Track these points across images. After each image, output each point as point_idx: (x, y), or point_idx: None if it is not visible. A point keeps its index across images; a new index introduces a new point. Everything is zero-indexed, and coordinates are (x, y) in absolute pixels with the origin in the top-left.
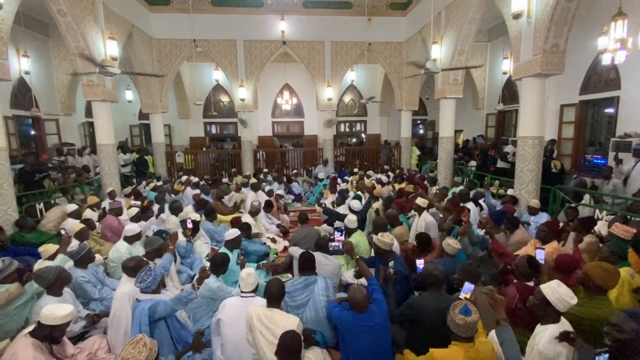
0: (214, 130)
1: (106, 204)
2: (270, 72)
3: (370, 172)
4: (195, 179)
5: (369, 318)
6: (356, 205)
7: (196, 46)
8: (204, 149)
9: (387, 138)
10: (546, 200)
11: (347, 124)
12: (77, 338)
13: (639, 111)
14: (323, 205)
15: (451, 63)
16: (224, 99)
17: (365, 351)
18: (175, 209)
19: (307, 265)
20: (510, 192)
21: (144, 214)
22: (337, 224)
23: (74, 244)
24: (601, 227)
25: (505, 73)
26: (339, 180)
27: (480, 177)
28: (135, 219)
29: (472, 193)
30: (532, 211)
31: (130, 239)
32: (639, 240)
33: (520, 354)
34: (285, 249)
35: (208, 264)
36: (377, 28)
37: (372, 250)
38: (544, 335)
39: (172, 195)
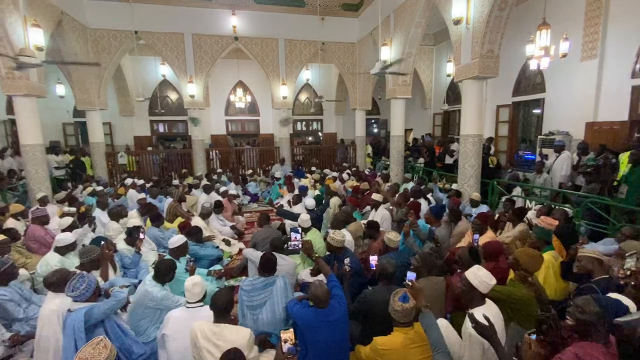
0: (161, 129)
1: (30, 212)
2: (223, 68)
3: (327, 171)
4: (140, 182)
5: (329, 313)
6: (310, 203)
7: (138, 38)
8: (150, 148)
9: (343, 137)
10: (486, 193)
11: (304, 123)
12: None
13: (560, 112)
14: (276, 206)
15: (400, 65)
16: (172, 95)
17: (323, 346)
18: (116, 215)
19: (268, 266)
20: (454, 186)
21: (82, 221)
22: (292, 224)
23: None
24: (531, 216)
25: (449, 75)
26: (295, 179)
27: (429, 173)
28: (69, 227)
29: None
30: (474, 203)
31: (63, 250)
32: (562, 228)
33: (442, 336)
34: (241, 251)
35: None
36: (330, 28)
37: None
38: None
39: (115, 200)
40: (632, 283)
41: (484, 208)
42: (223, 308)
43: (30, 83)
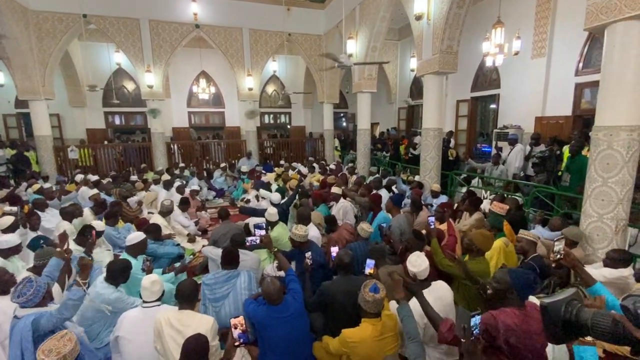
0: (117, 121)
1: None
2: (184, 57)
3: (295, 164)
4: (94, 178)
5: (283, 309)
6: (276, 197)
7: (88, 22)
8: (106, 142)
9: (312, 130)
10: (445, 184)
11: (272, 116)
12: None
13: (513, 106)
14: (239, 204)
15: (365, 58)
16: (129, 85)
17: (281, 342)
18: (68, 214)
19: (230, 259)
20: (417, 178)
21: (29, 221)
22: (256, 220)
23: None
24: (486, 206)
25: (412, 70)
26: (263, 172)
27: (393, 165)
28: (11, 228)
29: (385, 180)
30: (434, 194)
31: (5, 253)
32: (512, 214)
33: (417, 328)
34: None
35: None
36: (296, 19)
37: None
38: (410, 302)
39: (62, 197)
40: (562, 264)
41: (443, 198)
42: (187, 296)
43: None
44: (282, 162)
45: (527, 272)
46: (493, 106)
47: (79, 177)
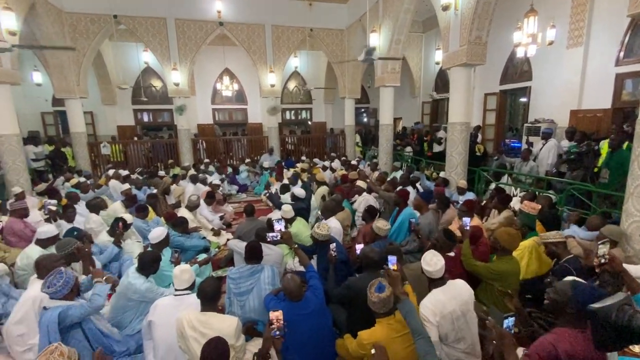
0: (146, 118)
1: (8, 204)
2: (208, 55)
3: (316, 160)
4: (125, 172)
5: (304, 305)
6: (300, 192)
7: (118, 23)
8: (135, 138)
9: (333, 126)
10: (472, 181)
11: (293, 112)
12: None
13: (545, 99)
14: (267, 194)
15: (388, 52)
16: (156, 83)
17: (303, 339)
18: (95, 207)
19: (253, 254)
20: (442, 174)
21: (65, 213)
22: (277, 215)
23: None
24: (515, 203)
25: (437, 63)
26: (285, 168)
27: (417, 161)
28: (48, 219)
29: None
30: (461, 191)
31: (45, 243)
32: (545, 212)
33: (421, 323)
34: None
35: None
36: (318, 14)
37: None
38: (424, 300)
39: (95, 191)
40: (607, 269)
41: (470, 195)
42: (210, 297)
43: (3, 70)
44: (303, 157)
45: (594, 289)
46: (523, 99)
47: (111, 172)
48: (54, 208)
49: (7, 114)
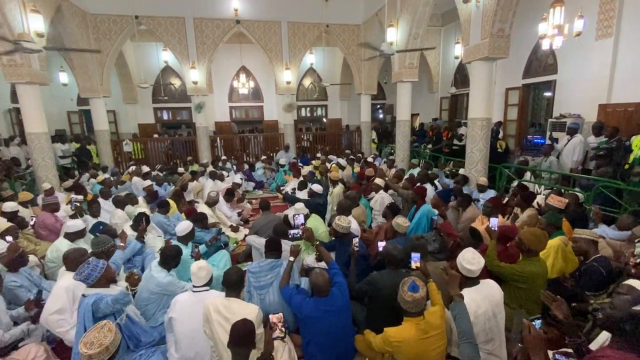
0: (165, 116)
1: (40, 199)
2: (225, 53)
3: (331, 157)
4: (146, 169)
5: (331, 302)
6: (317, 188)
7: (139, 23)
8: (156, 135)
9: (348, 122)
10: (493, 178)
11: (308, 109)
12: (10, 348)
13: (572, 93)
14: (283, 192)
15: (406, 46)
16: (175, 82)
17: (327, 335)
18: (121, 202)
19: (273, 247)
20: (461, 171)
21: (90, 209)
22: (292, 212)
23: (1, 245)
24: (540, 201)
25: (457, 57)
26: (300, 165)
27: (435, 158)
28: (75, 214)
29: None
30: (481, 188)
31: (73, 236)
32: (571, 211)
33: (471, 326)
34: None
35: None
36: (334, 9)
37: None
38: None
39: (118, 187)
40: None
41: (491, 193)
42: (234, 283)
43: (33, 70)
44: (318, 154)
45: None
46: (548, 94)
47: (133, 169)
48: (78, 204)
49: (37, 113)
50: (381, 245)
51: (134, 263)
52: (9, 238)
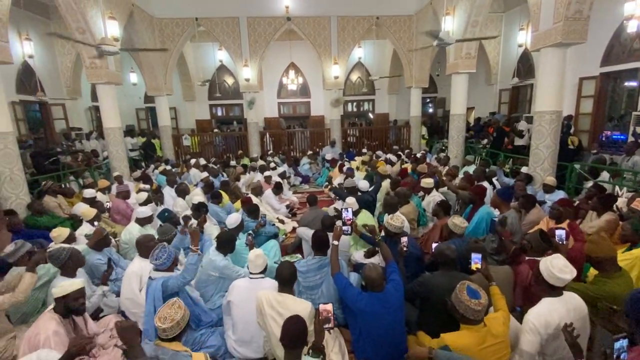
0: (219, 113)
1: (114, 188)
2: (275, 50)
3: (379, 153)
4: (203, 162)
5: (385, 299)
6: (364, 185)
7: (199, 25)
8: (215, 130)
9: (396, 117)
10: (562, 178)
11: (355, 104)
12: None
13: None
14: (329, 187)
15: (464, 35)
16: (229, 80)
17: (379, 331)
18: (182, 192)
19: (320, 245)
20: (524, 169)
21: (154, 197)
22: (347, 202)
23: (88, 227)
24: (622, 204)
25: (520, 45)
26: (347, 160)
27: (493, 155)
28: (145, 202)
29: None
30: (548, 189)
31: (142, 222)
32: None
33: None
34: (294, 229)
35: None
36: (385, 0)
37: (382, 230)
38: (533, 308)
39: (179, 178)
40: None
41: (560, 194)
42: (287, 278)
43: (110, 72)
44: (364, 150)
45: None
46: (632, 83)
47: (193, 161)
48: (144, 194)
49: (112, 110)
50: (434, 246)
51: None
52: (96, 223)
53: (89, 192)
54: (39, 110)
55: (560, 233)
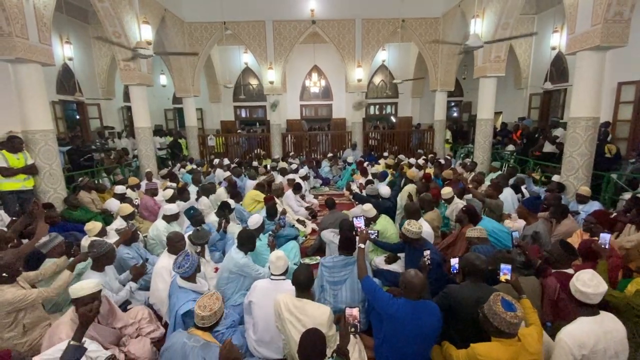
0: (243, 114)
1: (143, 185)
2: (299, 53)
3: (401, 156)
4: (227, 162)
5: (419, 307)
6: (385, 192)
7: (226, 28)
8: (239, 131)
9: (420, 121)
10: (597, 188)
11: (377, 107)
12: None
13: None
14: (352, 191)
15: (493, 38)
16: (253, 82)
17: (406, 338)
18: (207, 191)
19: (346, 245)
20: (556, 178)
21: (180, 195)
22: (355, 212)
23: (121, 223)
24: None
25: (554, 48)
26: (366, 163)
27: (521, 162)
28: (171, 199)
29: (512, 179)
30: (582, 199)
31: (169, 218)
32: None
33: None
34: (314, 231)
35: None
36: (411, 3)
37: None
38: (568, 327)
39: (204, 177)
40: None
41: (595, 205)
42: (304, 283)
43: (142, 74)
44: (385, 154)
45: None
46: None
47: (217, 161)
48: (171, 191)
49: (143, 111)
50: (454, 262)
51: (217, 247)
52: (131, 222)
53: (119, 189)
54: (76, 109)
55: (604, 236)
